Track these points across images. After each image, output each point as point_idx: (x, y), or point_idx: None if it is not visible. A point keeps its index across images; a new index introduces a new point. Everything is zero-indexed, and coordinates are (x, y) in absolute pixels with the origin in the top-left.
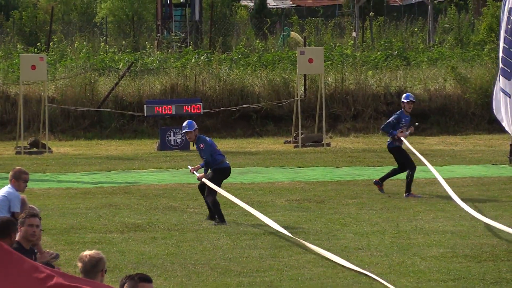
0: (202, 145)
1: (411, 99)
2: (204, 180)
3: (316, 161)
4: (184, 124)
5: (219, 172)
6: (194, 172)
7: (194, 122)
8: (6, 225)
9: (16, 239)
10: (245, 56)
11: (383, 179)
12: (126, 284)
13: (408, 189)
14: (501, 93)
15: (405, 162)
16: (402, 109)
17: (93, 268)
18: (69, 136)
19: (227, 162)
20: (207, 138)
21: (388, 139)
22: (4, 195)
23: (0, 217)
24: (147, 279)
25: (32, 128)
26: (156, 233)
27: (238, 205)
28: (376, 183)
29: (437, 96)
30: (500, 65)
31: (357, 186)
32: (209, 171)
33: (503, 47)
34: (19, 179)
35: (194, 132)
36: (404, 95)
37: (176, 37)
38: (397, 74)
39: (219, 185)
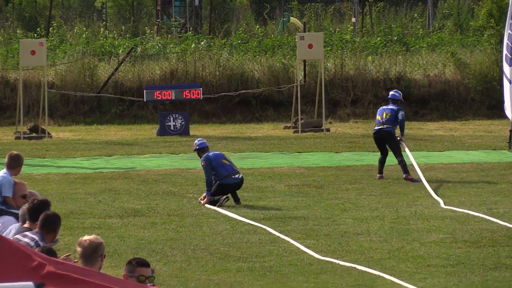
0: (203, 163)
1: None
2: (206, 205)
3: (315, 146)
4: (195, 141)
5: (221, 188)
6: (201, 201)
7: (203, 142)
8: (53, 220)
9: (27, 225)
10: (245, 41)
11: (381, 171)
12: (124, 268)
13: (405, 170)
14: (504, 78)
15: (397, 150)
16: (397, 104)
17: (93, 253)
18: (69, 121)
19: (235, 176)
20: (210, 155)
21: (385, 125)
22: None
23: (48, 212)
24: (145, 264)
25: (32, 113)
26: (155, 218)
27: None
28: (380, 178)
29: (437, 82)
30: (505, 51)
31: (356, 171)
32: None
33: (509, 34)
34: (17, 166)
35: (198, 152)
36: (399, 94)
37: (176, 23)
38: (396, 59)
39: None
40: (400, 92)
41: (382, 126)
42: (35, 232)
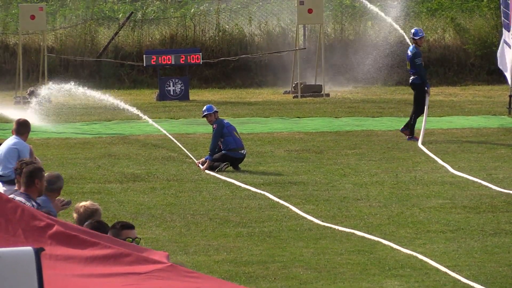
0: (214, 126)
1: (423, 34)
2: (206, 171)
3: (315, 111)
4: (204, 108)
5: (224, 159)
6: (200, 165)
7: (213, 106)
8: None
9: (22, 190)
10: (245, 6)
11: (412, 131)
12: (109, 233)
13: (411, 132)
14: (504, 44)
15: (420, 103)
16: (414, 45)
17: (88, 219)
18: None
19: (240, 152)
20: (225, 122)
21: (412, 76)
22: (14, 147)
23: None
24: (129, 226)
25: (31, 78)
26: (155, 183)
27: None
28: (409, 139)
29: (437, 47)
30: (502, 18)
31: (356, 136)
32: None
33: (502, 0)
34: (26, 132)
35: (214, 115)
36: (413, 31)
37: None
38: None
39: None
40: (413, 31)
41: (411, 78)
42: (20, 193)
